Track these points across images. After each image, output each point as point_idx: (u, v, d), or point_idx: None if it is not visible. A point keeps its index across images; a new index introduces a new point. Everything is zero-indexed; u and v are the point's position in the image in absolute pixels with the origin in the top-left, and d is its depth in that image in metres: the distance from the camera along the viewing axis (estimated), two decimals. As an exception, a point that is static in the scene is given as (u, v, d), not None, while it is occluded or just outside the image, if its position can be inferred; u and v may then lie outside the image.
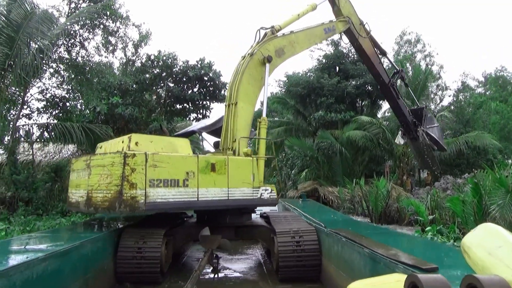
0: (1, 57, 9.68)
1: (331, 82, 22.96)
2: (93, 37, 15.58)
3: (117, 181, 5.66)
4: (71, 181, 7.11)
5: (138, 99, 17.76)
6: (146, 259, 6.33)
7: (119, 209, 5.58)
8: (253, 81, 7.95)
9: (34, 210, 12.77)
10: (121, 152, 5.85)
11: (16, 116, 14.05)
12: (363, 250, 4.73)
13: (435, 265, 3.52)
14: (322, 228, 6.74)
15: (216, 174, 6.77)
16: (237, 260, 8.98)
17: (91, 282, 5.68)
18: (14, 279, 3.71)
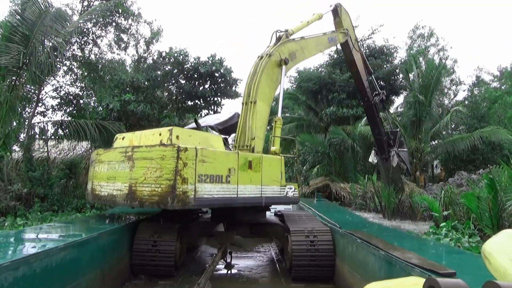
0: (16, 55, 9.82)
1: (343, 78, 22.78)
2: (106, 34, 15.74)
3: (169, 175, 5.51)
4: (98, 173, 6.69)
5: (150, 96, 17.91)
6: (161, 253, 6.42)
7: (171, 204, 5.45)
8: (270, 81, 8.05)
9: (50, 206, 12.99)
10: (173, 146, 5.70)
11: (31, 113, 14.29)
12: (378, 252, 4.67)
13: (452, 270, 3.46)
14: (337, 229, 6.68)
15: (252, 171, 6.84)
16: (251, 257, 8.98)
17: (108, 272, 5.77)
18: (34, 267, 3.84)
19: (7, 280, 3.41)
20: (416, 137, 20.47)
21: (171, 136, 6.03)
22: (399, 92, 24.94)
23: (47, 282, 4.10)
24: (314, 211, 9.20)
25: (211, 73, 18.75)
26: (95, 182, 6.72)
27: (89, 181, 7.06)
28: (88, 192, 7.10)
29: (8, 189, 13.32)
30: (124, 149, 6.23)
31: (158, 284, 6.31)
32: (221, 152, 6.55)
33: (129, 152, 6.09)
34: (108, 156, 6.55)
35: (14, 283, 3.52)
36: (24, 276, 3.68)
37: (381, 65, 23.82)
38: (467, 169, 21.87)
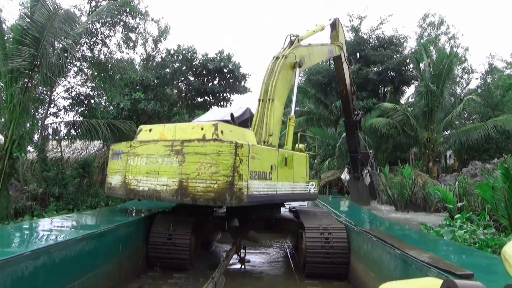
0: (28, 58, 9.95)
1: (352, 70, 22.54)
2: (114, 34, 15.87)
3: (226, 171, 5.41)
4: (133, 167, 6.36)
5: (160, 93, 18.00)
6: (176, 246, 6.51)
7: (229, 201, 5.42)
8: (284, 81, 8.17)
9: (65, 205, 13.23)
10: (230, 142, 5.67)
11: (44, 114, 14.51)
12: (394, 251, 4.61)
13: (470, 271, 3.38)
14: (352, 226, 6.63)
15: (287, 168, 6.98)
16: (265, 253, 9.01)
17: (124, 264, 5.87)
18: (53, 256, 3.97)
19: (28, 269, 3.54)
20: (428, 128, 20.23)
21: (217, 131, 5.95)
22: (409, 82, 24.65)
23: (66, 271, 4.23)
24: (329, 208, 9.18)
25: (220, 69, 18.75)
26: (129, 176, 6.34)
27: (115, 174, 6.72)
28: (113, 185, 6.75)
29: (24, 189, 13.61)
30: (169, 142, 5.97)
31: (173, 276, 6.38)
32: (267, 148, 6.65)
33: (178, 146, 5.87)
34: (148, 149, 6.22)
35: (35, 271, 3.65)
36: (44, 265, 3.80)
37: (391, 56, 23.55)
38: (481, 158, 21.57)
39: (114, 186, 6.70)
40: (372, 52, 23.70)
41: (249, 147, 5.75)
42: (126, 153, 6.45)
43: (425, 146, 20.56)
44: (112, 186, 6.75)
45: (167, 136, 6.38)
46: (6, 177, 10.48)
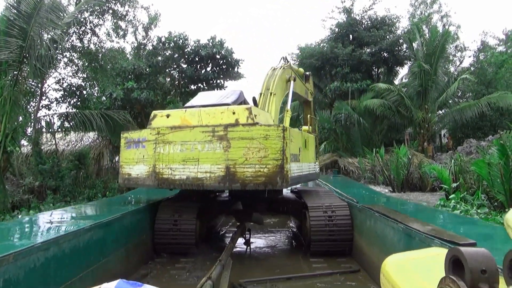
0: (16, 49, 9.77)
1: (346, 51, 22.46)
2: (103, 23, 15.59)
3: (275, 155, 5.49)
4: (165, 155, 6.09)
5: (153, 82, 17.81)
6: (181, 231, 6.55)
7: (280, 184, 5.47)
8: (280, 90, 8.39)
9: (62, 197, 13.17)
10: (277, 125, 5.73)
11: (36, 107, 14.34)
12: (397, 225, 4.69)
13: (473, 240, 3.44)
14: (354, 203, 6.76)
15: (306, 149, 7.23)
16: (269, 234, 9.12)
17: (132, 251, 5.94)
18: (63, 247, 4.02)
19: (39, 260, 3.59)
20: (423, 108, 20.27)
21: (251, 115, 5.96)
22: (403, 62, 24.58)
23: (76, 261, 4.28)
24: (330, 187, 9.29)
25: (212, 56, 18.55)
26: (160, 164, 6.08)
27: (137, 164, 6.39)
28: (135, 176, 6.42)
29: (20, 183, 13.51)
30: (210, 128, 5.85)
31: (180, 261, 6.45)
32: (297, 131, 6.85)
33: (220, 131, 5.76)
34: (182, 136, 6.00)
35: (45, 262, 3.70)
36: (55, 256, 3.86)
37: (384, 36, 23.43)
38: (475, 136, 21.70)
39: (137, 177, 6.39)
40: (365, 33, 23.55)
41: (289, 130, 5.84)
42: (153, 141, 6.20)
43: (420, 126, 20.63)
44: (133, 177, 6.44)
45: (191, 121, 6.25)
46: (1, 171, 10.40)
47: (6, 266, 3.12)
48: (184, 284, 5.40)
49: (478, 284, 1.48)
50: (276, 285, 5.34)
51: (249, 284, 5.29)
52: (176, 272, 5.96)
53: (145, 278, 5.65)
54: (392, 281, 2.11)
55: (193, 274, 5.83)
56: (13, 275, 3.21)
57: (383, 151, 17.68)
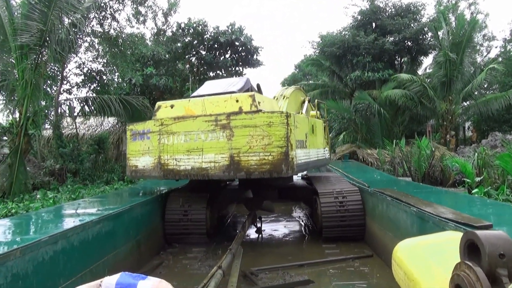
0: (36, 33, 9.85)
1: (368, 40, 21.88)
2: (123, 8, 15.56)
3: (279, 142, 5.41)
4: (169, 146, 6.09)
5: (171, 68, 17.84)
6: (192, 221, 6.59)
7: (286, 171, 5.38)
8: (294, 104, 8.39)
9: (82, 180, 13.42)
10: (280, 112, 5.61)
11: (57, 91, 14.55)
12: (409, 209, 4.59)
13: (488, 222, 3.28)
14: (365, 188, 6.67)
15: (314, 135, 7.14)
16: (281, 221, 9.08)
17: (143, 242, 5.97)
18: (72, 240, 3.99)
19: (47, 254, 3.54)
20: (447, 99, 19.63)
21: (255, 102, 5.86)
22: (427, 52, 23.80)
23: (86, 253, 4.26)
24: (341, 172, 9.16)
25: (231, 42, 18.43)
26: (165, 156, 6.09)
27: (143, 155, 6.41)
28: (141, 168, 6.44)
29: (41, 165, 13.84)
30: (212, 117, 5.79)
31: (191, 251, 6.49)
32: (303, 117, 6.72)
33: (223, 120, 5.68)
34: (185, 126, 5.98)
35: (55, 256, 3.66)
36: (64, 249, 3.83)
37: (408, 24, 22.68)
38: (501, 129, 20.96)
39: (143, 168, 6.44)
40: (388, 21, 22.85)
41: (294, 116, 5.71)
42: (157, 132, 6.19)
43: (443, 117, 20.01)
44: (140, 168, 6.49)
45: (195, 111, 6.18)
46: (22, 153, 10.61)
47: (13, 261, 3.09)
48: (196, 273, 5.42)
49: (496, 269, 1.40)
50: (288, 272, 5.30)
51: (260, 272, 5.27)
52: (188, 262, 6.00)
53: (158, 268, 5.68)
54: (405, 268, 2.02)
55: (205, 263, 5.86)
56: (21, 270, 3.18)
57: (404, 142, 17.26)
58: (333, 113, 24.29)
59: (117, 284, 1.97)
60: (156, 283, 2.03)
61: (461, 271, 1.49)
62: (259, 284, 4.81)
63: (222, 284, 4.28)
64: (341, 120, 24.01)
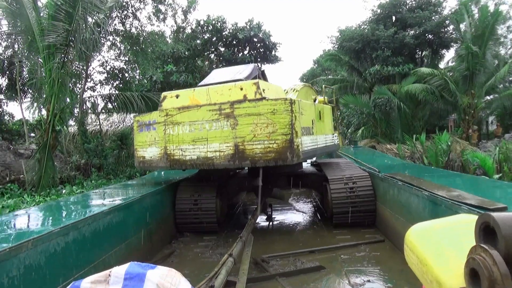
0: (62, 33, 10.28)
1: (387, 34, 21.61)
2: (144, 6, 15.96)
3: (284, 130, 5.33)
4: (174, 136, 6.05)
5: (191, 65, 18.13)
6: (202, 210, 6.64)
7: (291, 159, 5.32)
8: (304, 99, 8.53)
9: (106, 175, 13.91)
10: (284, 99, 5.53)
11: (82, 89, 15.08)
12: (421, 193, 4.53)
13: (503, 205, 3.22)
14: (376, 173, 6.60)
15: (321, 121, 7.08)
16: (291, 209, 9.11)
17: (154, 232, 6.04)
18: (83, 231, 4.02)
19: (59, 245, 3.56)
20: (469, 93, 19.24)
21: (259, 90, 5.75)
22: (449, 45, 23.32)
23: (98, 244, 4.28)
24: (351, 157, 9.10)
25: (250, 39, 18.56)
26: (171, 146, 6.06)
27: (150, 146, 6.42)
28: (148, 159, 6.46)
29: (67, 160, 14.41)
30: (216, 106, 5.72)
31: (203, 239, 6.58)
32: (310, 103, 6.65)
33: (227, 109, 5.62)
34: (190, 116, 5.92)
35: (66, 247, 3.66)
36: (75, 240, 3.84)
37: (429, 17, 22.26)
38: (526, 124, 20.41)
39: (150, 159, 6.45)
40: (408, 14, 22.49)
41: (299, 103, 5.64)
42: (162, 122, 6.16)
43: (464, 112, 19.64)
44: (147, 159, 6.49)
45: (200, 100, 6.13)
46: (50, 149, 11.10)
47: (25, 253, 3.08)
48: (207, 261, 5.47)
49: None
50: (299, 259, 5.34)
51: (272, 259, 5.33)
52: (199, 250, 6.07)
53: (170, 257, 5.77)
54: (417, 252, 1.96)
55: (216, 251, 5.92)
56: (34, 261, 3.17)
57: (424, 137, 17.07)
58: (352, 108, 24.14)
59: (126, 274, 1.92)
60: (166, 272, 1.99)
61: (477, 255, 1.42)
62: (271, 271, 4.89)
63: (234, 271, 4.35)
64: (360, 115, 23.84)
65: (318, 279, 4.68)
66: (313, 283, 4.57)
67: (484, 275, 1.35)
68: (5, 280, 2.82)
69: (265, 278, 4.71)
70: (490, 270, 1.34)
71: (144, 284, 1.90)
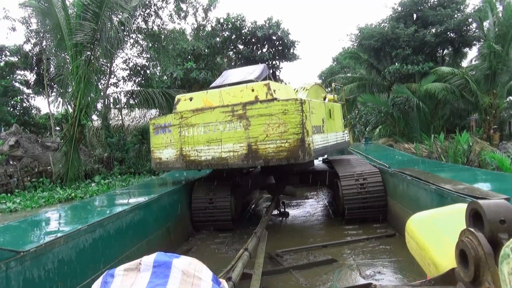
0: (89, 32, 10.74)
1: (408, 32, 21.41)
2: (166, 5, 16.34)
3: (295, 129, 5.49)
4: (190, 138, 6.24)
5: (211, 63, 18.45)
6: (217, 209, 6.85)
7: (303, 157, 5.46)
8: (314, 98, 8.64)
9: (127, 168, 14.41)
10: (295, 99, 5.70)
11: (106, 85, 15.61)
12: (429, 187, 4.66)
13: (506, 196, 3.33)
14: (386, 169, 6.72)
15: (331, 119, 7.26)
16: (303, 205, 9.27)
17: (173, 230, 6.31)
18: (108, 228, 4.33)
19: (87, 241, 3.83)
20: (490, 92, 18.93)
21: (270, 91, 5.91)
22: (472, 43, 22.92)
23: (122, 240, 4.61)
24: (362, 154, 9.23)
25: (268, 37, 18.75)
26: (187, 147, 6.27)
27: (166, 148, 6.62)
28: (165, 160, 6.64)
29: (91, 153, 14.97)
30: (229, 108, 5.90)
31: (219, 236, 6.79)
32: (320, 102, 6.82)
33: (239, 110, 5.79)
34: (204, 118, 6.11)
35: (93, 243, 3.93)
36: (101, 237, 4.11)
37: (451, 15, 21.93)
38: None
39: (167, 160, 6.66)
40: (430, 12, 22.19)
41: (309, 102, 5.80)
42: (177, 125, 6.37)
43: (486, 112, 19.33)
44: (164, 160, 6.71)
45: (213, 102, 6.32)
46: (76, 142, 11.61)
47: (59, 248, 3.35)
48: (224, 257, 5.64)
49: (498, 234, 1.49)
50: (312, 253, 5.50)
51: (285, 253, 5.50)
52: (216, 247, 6.25)
53: (188, 254, 5.89)
54: (416, 238, 2.14)
55: (231, 247, 6.11)
56: (66, 256, 3.44)
57: (443, 137, 16.93)
58: (370, 106, 24.03)
59: (154, 262, 2.14)
60: (189, 260, 2.23)
61: (465, 237, 1.57)
62: (284, 264, 5.08)
63: (249, 265, 4.49)
64: (378, 114, 23.72)
65: (330, 271, 4.84)
66: (326, 275, 4.73)
67: (471, 255, 1.52)
68: (42, 272, 3.10)
69: (280, 271, 4.90)
70: (476, 250, 1.50)
71: (171, 270, 2.13)
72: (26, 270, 2.92)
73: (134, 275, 2.13)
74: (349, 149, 10.29)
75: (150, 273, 2.11)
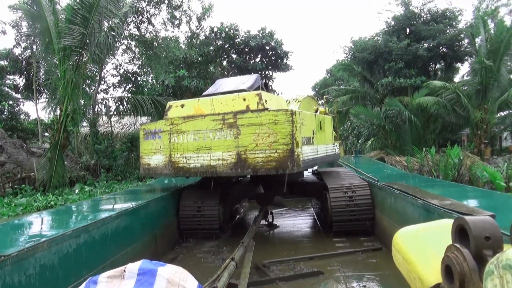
0: (78, 36, 10.58)
1: (400, 46, 21.56)
2: (159, 12, 16.29)
3: (285, 140, 5.51)
4: (179, 145, 6.23)
5: (203, 71, 18.37)
6: (205, 217, 6.78)
7: (292, 168, 5.47)
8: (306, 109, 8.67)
9: (114, 176, 14.14)
10: (285, 110, 5.70)
11: (95, 91, 15.42)
12: (416, 202, 4.69)
13: (491, 213, 3.31)
14: (374, 182, 6.72)
15: (322, 131, 7.27)
16: (292, 216, 9.22)
17: (159, 237, 6.20)
18: (93, 234, 4.23)
19: (71, 247, 3.77)
20: (482, 107, 19.02)
21: (261, 101, 5.93)
22: (463, 59, 23.15)
23: (107, 246, 4.50)
24: (351, 167, 9.20)
25: (262, 46, 18.74)
26: (176, 154, 6.25)
27: (155, 154, 6.57)
28: (153, 166, 6.61)
29: (77, 160, 14.68)
30: (220, 116, 5.90)
31: (205, 245, 6.71)
32: (311, 114, 6.80)
33: (230, 119, 5.80)
34: (194, 125, 6.10)
35: (77, 249, 3.87)
36: (86, 242, 4.05)
37: (443, 30, 22.16)
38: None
39: (155, 166, 6.61)
40: (422, 27, 22.41)
41: (299, 113, 5.80)
42: (167, 131, 6.34)
43: (477, 126, 19.40)
44: (152, 166, 6.66)
45: (205, 110, 6.30)
46: (61, 148, 11.36)
47: (41, 253, 3.30)
48: (210, 266, 5.60)
49: (482, 251, 1.51)
50: (298, 264, 5.46)
51: (272, 264, 5.43)
52: (202, 256, 6.19)
53: (173, 262, 5.75)
54: (403, 252, 2.18)
55: (218, 256, 6.05)
56: (48, 261, 3.39)
57: (434, 150, 16.90)
58: (363, 118, 24.06)
59: (139, 270, 2.09)
60: (175, 268, 2.17)
61: (451, 253, 1.60)
62: (271, 275, 5.01)
63: (235, 275, 4.42)
64: (370, 126, 23.74)
65: (316, 283, 4.80)
66: (312, 287, 4.68)
67: (456, 270, 1.54)
68: (23, 277, 3.02)
69: (266, 282, 4.84)
70: (461, 266, 1.52)
71: (155, 278, 2.07)
72: (7, 274, 2.85)
73: (118, 282, 2.08)
74: (339, 161, 10.29)
75: (134, 281, 2.07)
